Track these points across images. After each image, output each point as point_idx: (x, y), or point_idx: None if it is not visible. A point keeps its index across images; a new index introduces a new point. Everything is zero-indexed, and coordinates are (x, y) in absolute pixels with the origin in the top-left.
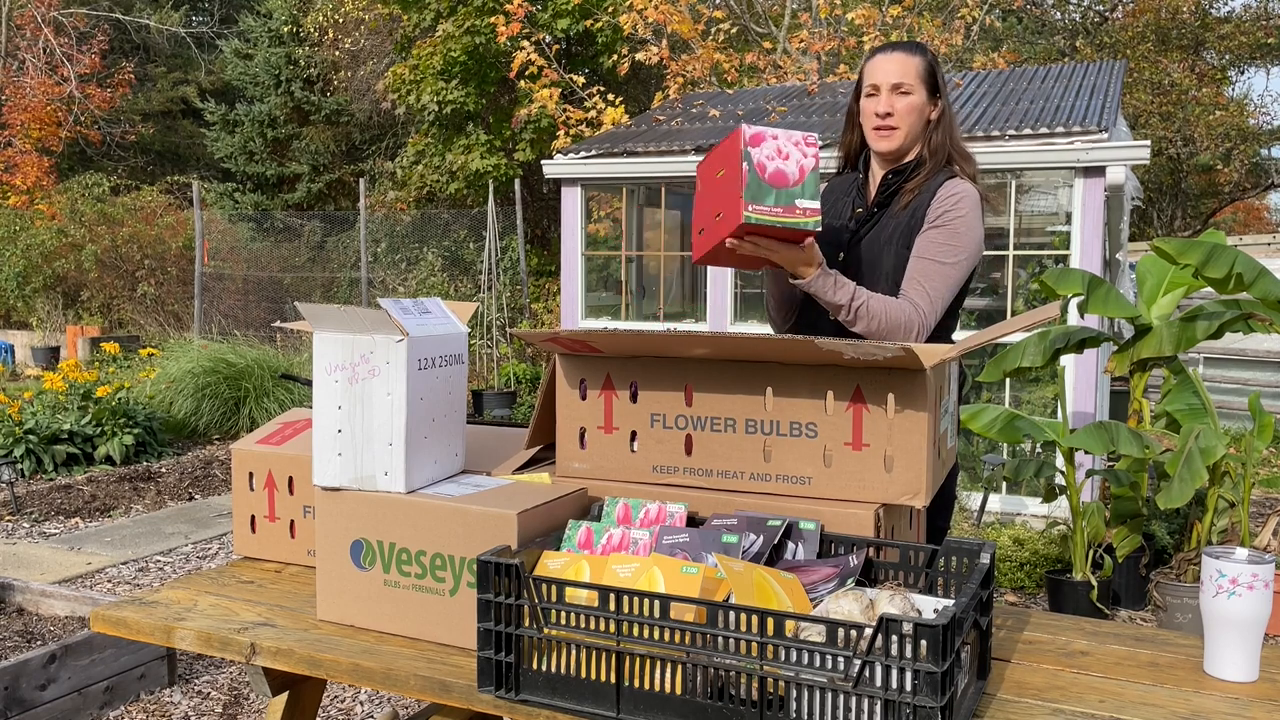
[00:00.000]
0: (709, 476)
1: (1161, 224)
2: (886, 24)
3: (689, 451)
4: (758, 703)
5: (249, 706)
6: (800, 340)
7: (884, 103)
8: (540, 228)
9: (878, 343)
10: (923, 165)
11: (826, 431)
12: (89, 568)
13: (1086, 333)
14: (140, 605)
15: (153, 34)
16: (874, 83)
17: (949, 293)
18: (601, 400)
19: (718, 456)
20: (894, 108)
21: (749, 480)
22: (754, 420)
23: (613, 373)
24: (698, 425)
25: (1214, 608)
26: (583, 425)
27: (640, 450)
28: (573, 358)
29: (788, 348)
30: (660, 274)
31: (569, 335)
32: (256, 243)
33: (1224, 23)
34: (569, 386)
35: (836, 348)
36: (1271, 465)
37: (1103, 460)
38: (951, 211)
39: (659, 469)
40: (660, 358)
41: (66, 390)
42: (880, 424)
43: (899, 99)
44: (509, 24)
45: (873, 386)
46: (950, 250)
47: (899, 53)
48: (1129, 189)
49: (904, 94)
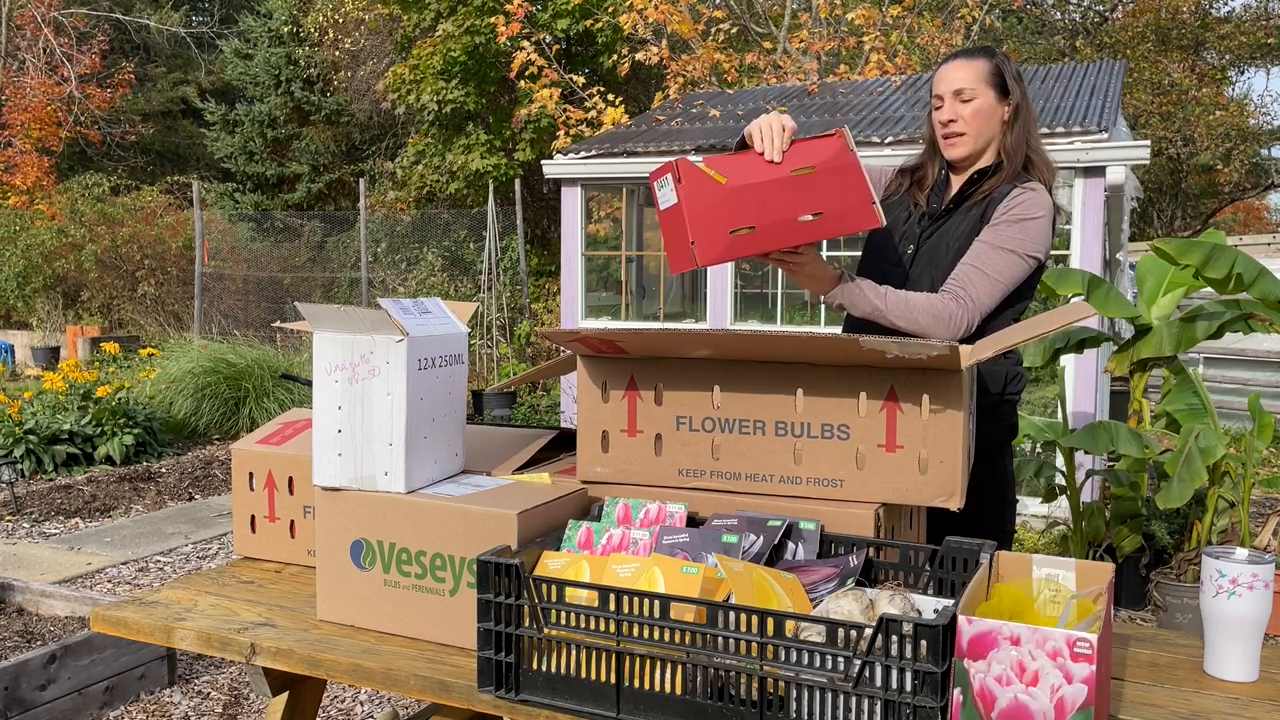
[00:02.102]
0: (737, 480)
1: (1161, 224)
2: (886, 24)
3: (716, 455)
4: (758, 703)
5: (249, 706)
6: (843, 339)
7: (948, 110)
8: (540, 228)
9: (924, 341)
10: (1001, 168)
11: (859, 433)
12: (89, 568)
13: (1086, 333)
14: (140, 605)
15: (153, 34)
16: (938, 93)
17: (1000, 286)
18: (625, 402)
19: (747, 459)
20: (958, 114)
21: (779, 484)
22: (784, 422)
23: (636, 374)
24: (726, 428)
25: (1214, 608)
26: (605, 428)
27: (665, 453)
28: (595, 359)
29: (828, 346)
30: (660, 274)
31: (594, 334)
32: (256, 243)
33: (1224, 23)
34: (591, 388)
35: (881, 346)
36: (1271, 465)
37: (1103, 460)
38: (1019, 210)
39: (685, 472)
40: (685, 359)
41: (66, 390)
42: (915, 425)
43: (963, 106)
44: (509, 24)
45: (907, 386)
46: (1010, 240)
47: (960, 59)
48: (1129, 189)
49: (967, 100)
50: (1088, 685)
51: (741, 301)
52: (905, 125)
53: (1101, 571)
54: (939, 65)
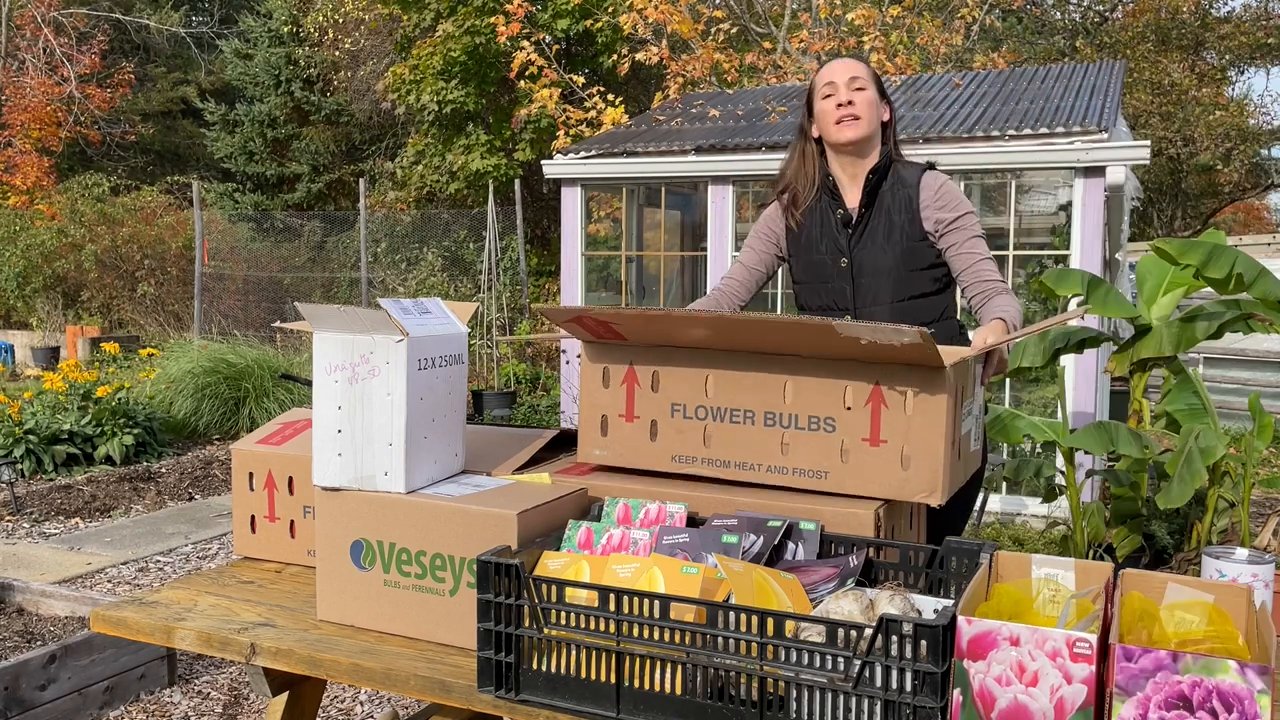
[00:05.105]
0: (726, 468)
1: (1161, 224)
2: (886, 24)
3: (707, 442)
4: (758, 703)
5: (249, 706)
6: (819, 324)
7: (844, 94)
8: (540, 228)
9: (895, 327)
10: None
11: (845, 426)
12: (89, 568)
13: (1086, 333)
14: (140, 605)
15: (153, 34)
16: (829, 81)
17: None
18: (624, 389)
19: (736, 448)
20: (854, 99)
21: (766, 472)
22: (773, 413)
23: (635, 360)
24: (717, 416)
25: None
26: (605, 412)
27: (660, 439)
28: (597, 345)
29: (804, 332)
30: (660, 274)
31: (595, 315)
32: (256, 243)
33: (1224, 23)
34: (592, 372)
35: (855, 332)
36: (1271, 465)
37: (1103, 460)
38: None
39: (678, 458)
40: (682, 347)
41: (66, 390)
42: (898, 421)
43: (857, 93)
44: (509, 24)
45: (892, 382)
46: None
47: (846, 59)
48: (1129, 189)
49: (860, 88)
50: (1087, 685)
51: None
52: (905, 125)
53: (1101, 571)
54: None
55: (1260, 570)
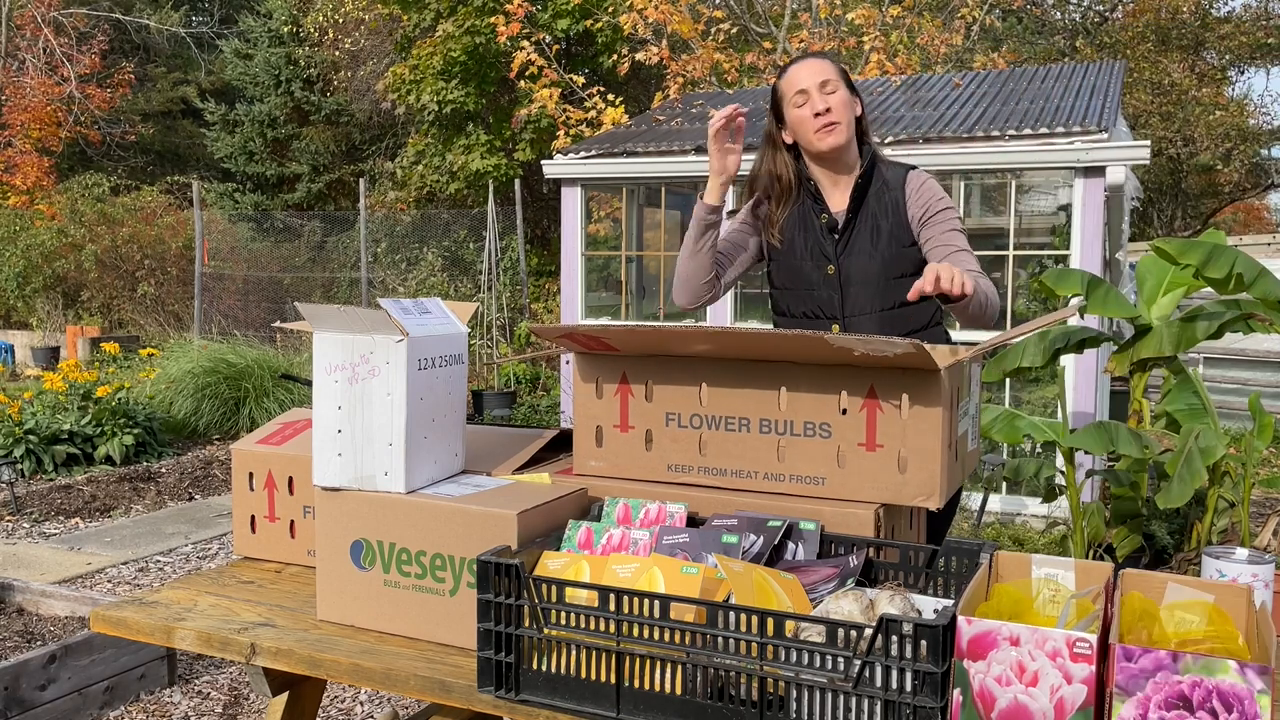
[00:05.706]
0: (723, 476)
1: (1161, 224)
2: (886, 24)
3: (703, 451)
4: (758, 703)
5: (249, 706)
6: (812, 336)
7: (819, 101)
8: (540, 228)
9: (887, 339)
10: (876, 165)
11: (840, 432)
12: (89, 568)
13: (1086, 333)
14: (140, 605)
15: (153, 34)
16: (800, 88)
17: None
18: (618, 399)
19: (732, 456)
20: (830, 104)
21: (763, 480)
22: (768, 420)
23: (628, 371)
24: (712, 425)
25: None
26: (599, 423)
27: (655, 449)
28: (589, 356)
29: (799, 344)
30: (660, 274)
31: (585, 332)
32: (256, 243)
33: (1224, 23)
34: (585, 384)
35: (848, 344)
36: (1271, 465)
37: (1103, 460)
38: (942, 201)
39: (674, 468)
40: (675, 356)
41: (66, 390)
42: (894, 425)
43: (831, 96)
44: (509, 24)
45: (887, 387)
46: (955, 221)
47: (809, 59)
48: (1129, 189)
49: (832, 91)
50: (1087, 685)
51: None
52: (905, 125)
53: (1101, 571)
54: (783, 70)
55: (1260, 570)
